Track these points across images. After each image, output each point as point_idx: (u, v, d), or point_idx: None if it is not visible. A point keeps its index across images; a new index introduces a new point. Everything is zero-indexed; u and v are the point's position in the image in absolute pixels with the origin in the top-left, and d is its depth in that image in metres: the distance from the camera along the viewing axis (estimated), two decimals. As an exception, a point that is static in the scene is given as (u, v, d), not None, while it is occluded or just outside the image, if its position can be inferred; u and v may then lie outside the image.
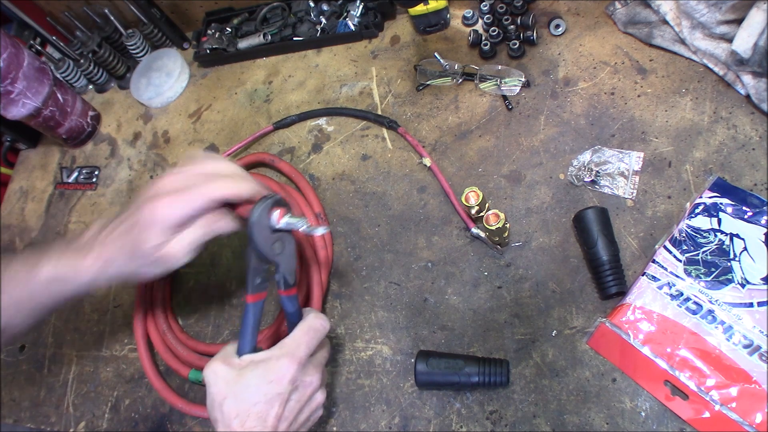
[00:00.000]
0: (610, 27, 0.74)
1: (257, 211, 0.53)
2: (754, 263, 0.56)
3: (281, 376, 0.52)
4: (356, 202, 0.76)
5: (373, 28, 0.87)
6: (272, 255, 0.54)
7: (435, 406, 0.62)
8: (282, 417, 0.52)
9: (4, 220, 1.00)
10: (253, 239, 0.53)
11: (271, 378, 0.51)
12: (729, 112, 0.65)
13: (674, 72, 0.69)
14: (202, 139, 0.91)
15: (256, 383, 0.51)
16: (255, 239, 0.53)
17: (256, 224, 0.53)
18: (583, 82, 0.72)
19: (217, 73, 0.97)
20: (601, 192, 0.66)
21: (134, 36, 1.00)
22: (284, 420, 0.52)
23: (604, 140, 0.68)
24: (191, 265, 0.80)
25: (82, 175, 0.98)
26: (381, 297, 0.69)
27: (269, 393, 0.51)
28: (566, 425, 0.57)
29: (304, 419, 0.55)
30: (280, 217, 0.54)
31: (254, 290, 0.55)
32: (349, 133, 0.82)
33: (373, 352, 0.67)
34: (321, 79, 0.88)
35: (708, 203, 0.60)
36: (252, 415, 0.50)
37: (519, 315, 0.63)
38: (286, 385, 0.52)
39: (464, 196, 0.63)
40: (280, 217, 0.54)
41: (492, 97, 0.76)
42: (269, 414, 0.51)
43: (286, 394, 0.52)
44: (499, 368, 0.58)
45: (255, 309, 0.55)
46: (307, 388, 0.54)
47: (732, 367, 0.53)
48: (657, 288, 0.58)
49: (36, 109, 0.90)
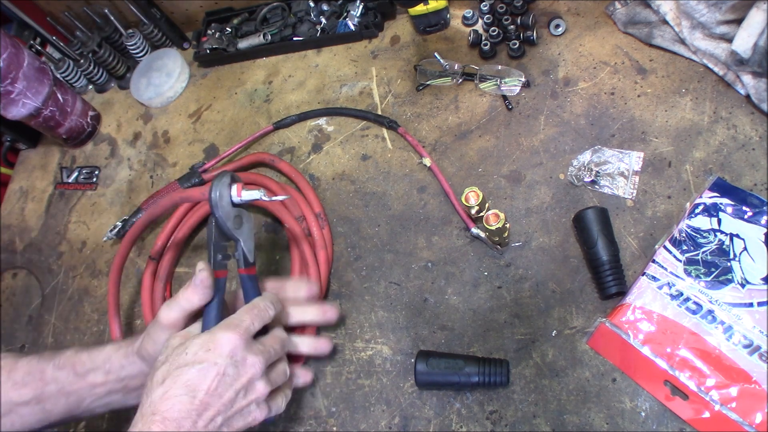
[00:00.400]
0: (610, 27, 0.74)
1: (217, 186, 0.55)
2: (754, 263, 0.56)
3: (219, 345, 0.50)
4: (356, 202, 0.76)
5: (373, 28, 0.87)
6: (232, 231, 0.56)
7: (435, 406, 0.62)
8: (213, 392, 0.48)
9: (4, 220, 1.00)
10: (216, 214, 0.55)
11: (209, 347, 0.50)
12: (729, 112, 0.65)
13: (674, 72, 0.69)
14: (202, 139, 0.91)
15: (193, 351, 0.50)
16: (217, 214, 0.55)
17: (218, 199, 0.55)
18: (583, 82, 0.72)
19: (217, 73, 0.97)
20: (601, 192, 0.66)
21: (134, 36, 1.00)
22: (215, 396, 0.48)
23: (604, 140, 0.68)
24: (191, 265, 0.81)
25: (82, 175, 0.98)
26: (381, 297, 0.69)
27: (204, 361, 0.49)
28: (566, 425, 0.57)
29: (239, 407, 0.50)
30: (240, 191, 0.56)
31: (215, 267, 0.57)
32: (349, 133, 0.82)
33: (373, 352, 0.67)
34: (321, 79, 0.88)
35: (708, 203, 0.60)
36: (179, 384, 0.48)
37: (519, 315, 0.63)
38: (224, 357, 0.49)
39: (464, 196, 0.63)
40: (240, 191, 0.56)
41: (492, 97, 0.76)
42: (200, 385, 0.48)
43: (222, 366, 0.49)
44: (499, 368, 0.58)
45: (218, 285, 0.56)
46: (248, 369, 0.51)
47: (732, 367, 0.53)
48: (657, 288, 0.58)
49: (36, 109, 0.90)
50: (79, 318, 0.84)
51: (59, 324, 0.85)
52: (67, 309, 0.85)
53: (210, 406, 0.48)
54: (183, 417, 0.47)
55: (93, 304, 0.84)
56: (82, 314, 0.84)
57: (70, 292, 0.87)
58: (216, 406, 0.49)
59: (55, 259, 0.91)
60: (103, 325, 0.82)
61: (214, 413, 0.49)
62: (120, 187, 0.93)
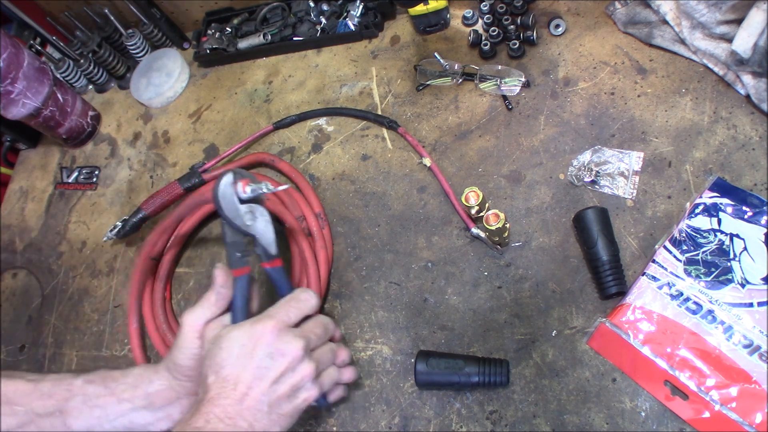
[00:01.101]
0: (610, 27, 0.74)
1: (221, 185, 0.55)
2: (754, 263, 0.56)
3: (254, 337, 0.52)
4: (356, 202, 0.76)
5: (373, 28, 0.87)
6: (245, 227, 0.56)
7: (435, 406, 0.62)
8: (252, 383, 0.51)
9: (4, 220, 1.00)
10: (222, 213, 0.55)
11: (243, 341, 0.52)
12: (729, 112, 0.65)
13: (674, 72, 0.69)
14: (202, 139, 0.91)
15: (227, 346, 0.52)
16: (224, 212, 0.55)
17: (222, 198, 0.55)
18: (583, 82, 0.72)
19: (217, 73, 0.97)
20: (601, 192, 0.66)
21: (134, 36, 1.00)
22: (260, 380, 0.51)
23: (604, 140, 0.68)
24: (191, 265, 0.81)
25: (82, 175, 0.98)
26: (381, 297, 0.69)
27: (243, 350, 0.51)
28: (566, 425, 0.57)
29: (285, 390, 0.52)
30: (245, 186, 0.56)
31: (235, 265, 0.57)
32: (349, 133, 0.82)
33: (373, 352, 0.67)
34: (321, 79, 0.88)
35: (708, 203, 0.60)
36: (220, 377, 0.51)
37: (519, 315, 0.63)
38: (258, 348, 0.51)
39: (464, 196, 0.63)
40: (245, 186, 0.56)
41: (492, 97, 0.76)
42: (242, 373, 0.51)
43: (258, 356, 0.51)
44: (499, 368, 0.58)
45: (241, 283, 0.57)
46: (285, 356, 0.52)
47: (732, 367, 0.53)
48: (657, 288, 0.58)
49: (36, 109, 0.90)
50: (79, 318, 0.84)
51: (59, 324, 0.85)
52: (67, 309, 0.85)
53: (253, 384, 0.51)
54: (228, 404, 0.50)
55: (93, 304, 0.84)
56: (82, 314, 0.84)
57: (70, 292, 0.87)
58: (261, 386, 0.51)
59: (55, 259, 0.91)
60: (103, 325, 0.82)
61: (261, 391, 0.51)
62: (120, 187, 0.93)
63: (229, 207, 0.55)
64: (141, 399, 0.58)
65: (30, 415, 0.57)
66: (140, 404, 0.58)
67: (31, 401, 0.57)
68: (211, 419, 0.49)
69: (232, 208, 0.55)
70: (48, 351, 0.83)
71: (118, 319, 0.81)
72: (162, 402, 0.58)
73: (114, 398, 0.58)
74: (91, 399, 0.58)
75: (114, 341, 0.80)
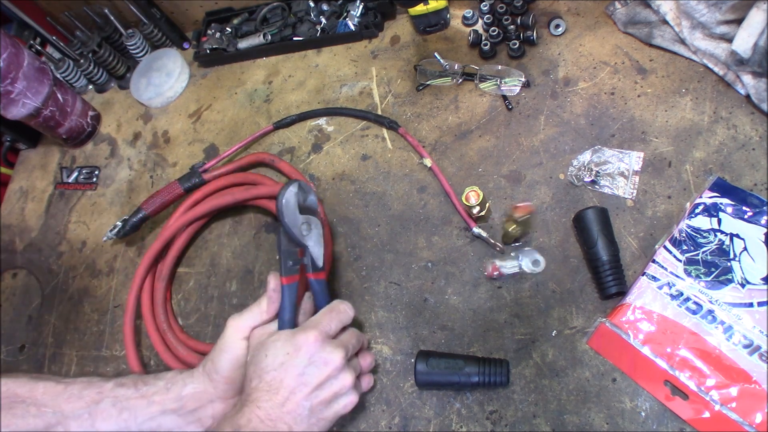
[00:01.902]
0: (610, 27, 0.74)
1: (285, 193, 0.57)
2: (754, 263, 0.56)
3: (298, 346, 0.54)
4: (356, 202, 0.76)
5: (373, 28, 0.87)
6: (300, 236, 0.58)
7: (435, 406, 0.62)
8: (298, 385, 0.53)
9: (4, 220, 1.00)
10: (283, 220, 0.57)
11: (288, 349, 0.54)
12: (729, 112, 0.65)
13: (674, 72, 0.69)
14: (202, 139, 0.91)
15: (273, 353, 0.54)
16: (284, 220, 0.57)
17: (285, 206, 0.56)
18: (583, 82, 0.72)
19: (217, 73, 0.97)
20: (601, 192, 0.66)
21: (134, 36, 1.00)
22: (302, 386, 0.53)
23: (604, 140, 0.68)
24: (191, 265, 0.81)
25: (82, 175, 0.98)
26: (381, 297, 0.69)
27: (288, 357, 0.54)
28: (566, 425, 0.57)
29: (326, 396, 0.54)
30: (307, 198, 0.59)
31: (287, 273, 0.59)
32: (349, 133, 0.82)
33: (373, 352, 0.67)
34: (321, 79, 0.88)
35: (708, 203, 0.60)
36: (264, 383, 0.53)
37: (519, 315, 0.63)
38: (301, 356, 0.54)
39: (465, 195, 0.63)
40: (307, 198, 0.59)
41: (492, 97, 0.76)
42: (285, 378, 0.53)
43: (301, 365, 0.53)
44: (499, 368, 0.58)
45: (289, 290, 0.59)
46: (328, 365, 0.54)
47: (732, 367, 0.53)
48: (657, 288, 0.58)
49: (36, 109, 0.90)
50: (79, 318, 0.84)
51: (59, 324, 0.85)
52: (67, 309, 0.85)
53: (295, 390, 0.53)
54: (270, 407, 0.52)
55: (93, 304, 0.84)
56: (82, 314, 0.84)
57: (70, 292, 0.87)
58: (301, 393, 0.53)
59: (55, 259, 0.91)
60: (103, 325, 0.82)
61: (301, 398, 0.53)
62: (120, 187, 0.93)
63: (290, 216, 0.57)
64: (172, 402, 0.58)
65: (58, 416, 0.57)
66: (170, 407, 0.58)
67: (60, 403, 0.57)
68: (253, 419, 0.51)
69: (293, 217, 0.57)
70: (48, 351, 0.83)
71: (118, 319, 0.81)
72: (194, 405, 0.58)
73: (144, 401, 0.58)
74: (121, 401, 0.58)
75: (114, 341, 0.80)
